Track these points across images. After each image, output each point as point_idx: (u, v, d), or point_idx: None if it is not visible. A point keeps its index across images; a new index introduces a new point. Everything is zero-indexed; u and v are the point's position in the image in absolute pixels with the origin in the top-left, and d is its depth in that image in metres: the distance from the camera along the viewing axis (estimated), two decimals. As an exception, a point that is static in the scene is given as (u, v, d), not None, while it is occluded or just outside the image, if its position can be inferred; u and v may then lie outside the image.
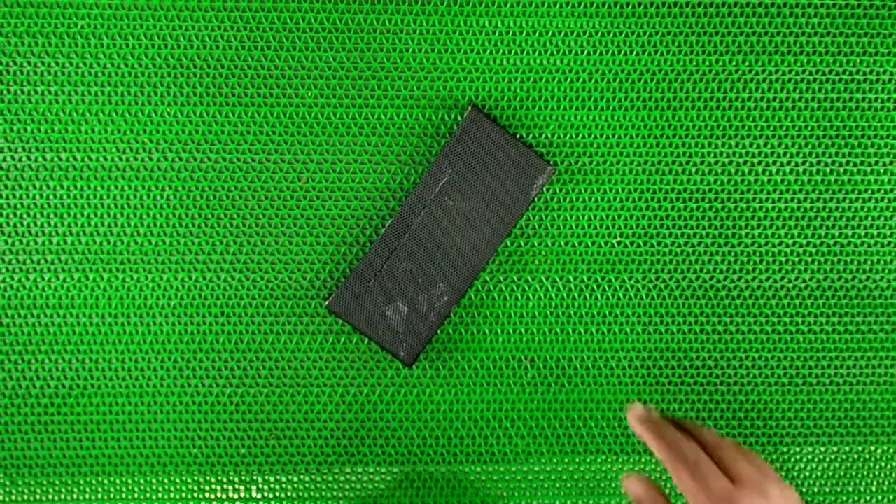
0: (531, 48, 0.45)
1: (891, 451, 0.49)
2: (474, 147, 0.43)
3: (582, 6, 0.45)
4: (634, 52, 0.46)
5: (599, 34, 0.46)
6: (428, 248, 0.43)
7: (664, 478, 0.49)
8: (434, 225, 0.43)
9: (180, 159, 0.45)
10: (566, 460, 0.49)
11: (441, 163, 0.43)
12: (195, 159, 0.45)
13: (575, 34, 0.45)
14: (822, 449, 0.49)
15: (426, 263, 0.43)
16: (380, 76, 0.45)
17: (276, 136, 0.46)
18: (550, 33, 0.45)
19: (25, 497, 0.48)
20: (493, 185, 0.43)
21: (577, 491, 0.49)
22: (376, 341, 0.45)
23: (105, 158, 0.45)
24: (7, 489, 0.47)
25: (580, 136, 0.46)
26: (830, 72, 0.46)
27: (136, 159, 0.45)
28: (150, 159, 0.45)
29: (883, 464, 0.49)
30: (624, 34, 0.46)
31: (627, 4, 0.45)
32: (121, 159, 0.45)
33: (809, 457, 0.49)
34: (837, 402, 0.49)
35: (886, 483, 0.50)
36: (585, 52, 0.46)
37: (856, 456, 0.49)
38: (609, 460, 0.49)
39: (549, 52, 0.46)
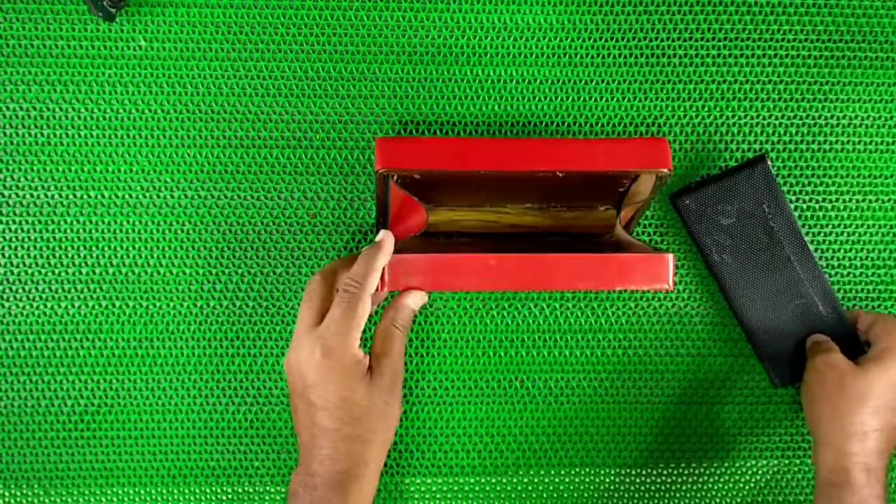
0: (521, 95, 0.50)
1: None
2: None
3: (567, 56, 0.49)
4: (615, 99, 0.50)
5: (583, 82, 0.50)
6: None
7: (641, 488, 0.53)
8: None
9: (199, 196, 0.50)
10: (552, 472, 0.53)
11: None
12: (212, 196, 0.50)
13: (560, 82, 0.50)
14: (765, 462, 0.53)
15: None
16: (381, 121, 0.49)
17: (286, 175, 0.50)
18: (538, 81, 0.50)
19: (58, 506, 0.52)
20: None
21: (562, 501, 0.53)
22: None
23: (130, 196, 0.49)
24: (41, 499, 0.51)
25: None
26: (795, 116, 0.50)
27: (158, 197, 0.49)
28: (172, 197, 0.49)
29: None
30: (606, 82, 0.50)
31: (609, 55, 0.49)
32: (144, 197, 0.49)
33: (754, 469, 0.53)
34: (789, 418, 0.53)
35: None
36: (570, 99, 0.50)
37: (795, 469, 0.53)
38: (593, 472, 0.53)
39: (537, 98, 0.50)
